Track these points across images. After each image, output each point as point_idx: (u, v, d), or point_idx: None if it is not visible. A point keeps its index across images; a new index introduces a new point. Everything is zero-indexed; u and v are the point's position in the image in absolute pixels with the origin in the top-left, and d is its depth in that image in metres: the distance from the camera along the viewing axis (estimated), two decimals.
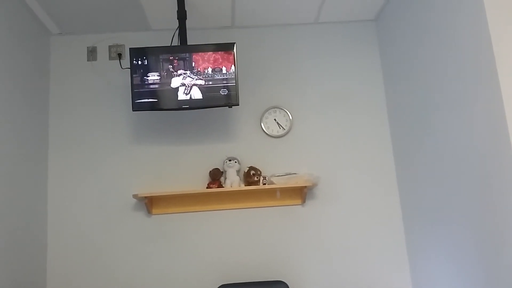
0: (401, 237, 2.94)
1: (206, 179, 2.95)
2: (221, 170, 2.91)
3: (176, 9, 2.79)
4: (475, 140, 2.03)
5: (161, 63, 2.66)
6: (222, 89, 2.66)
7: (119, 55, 3.08)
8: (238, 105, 2.70)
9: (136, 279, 2.85)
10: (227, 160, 2.89)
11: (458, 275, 2.27)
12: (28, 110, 2.74)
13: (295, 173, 2.88)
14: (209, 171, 2.92)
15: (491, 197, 1.94)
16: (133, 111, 2.67)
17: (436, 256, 2.51)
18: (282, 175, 2.86)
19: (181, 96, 2.65)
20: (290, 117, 3.06)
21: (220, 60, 2.68)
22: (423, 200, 2.63)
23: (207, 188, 2.87)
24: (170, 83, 2.65)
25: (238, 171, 2.90)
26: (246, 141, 3.03)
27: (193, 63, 2.66)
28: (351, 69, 3.15)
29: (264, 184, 2.85)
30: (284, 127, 3.05)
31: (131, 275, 2.85)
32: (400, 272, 2.89)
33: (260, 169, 2.91)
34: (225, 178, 2.88)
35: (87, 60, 3.10)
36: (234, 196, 2.94)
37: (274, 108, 3.07)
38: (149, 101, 2.64)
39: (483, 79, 1.94)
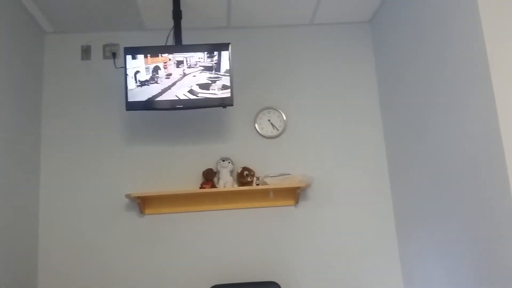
0: (393, 238, 2.95)
1: (199, 179, 2.94)
2: (215, 171, 2.91)
3: (172, 8, 2.79)
4: (468, 142, 2.03)
5: (155, 63, 2.65)
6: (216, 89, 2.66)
7: (113, 54, 3.07)
8: (232, 105, 2.69)
9: (128, 279, 2.84)
10: (221, 161, 2.89)
11: (450, 276, 2.27)
12: (21, 108, 2.73)
13: (288, 174, 2.88)
14: (202, 171, 2.91)
15: (483, 198, 1.94)
16: (126, 110, 2.65)
17: (428, 258, 2.51)
18: (275, 176, 2.85)
19: (175, 95, 2.64)
20: (284, 118, 3.06)
21: (215, 60, 2.68)
22: (415, 201, 2.64)
23: (200, 188, 2.86)
24: (164, 82, 2.64)
25: (231, 172, 2.89)
26: (240, 142, 3.03)
27: (188, 63, 2.66)
28: (346, 70, 3.15)
29: (257, 184, 2.85)
30: (278, 128, 3.05)
31: (123, 275, 2.84)
32: (392, 273, 2.90)
33: (253, 170, 2.91)
34: (219, 179, 2.87)
35: (81, 59, 3.09)
36: (227, 196, 2.93)
37: (268, 108, 3.07)
38: (143, 100, 2.64)
39: (476, 81, 1.95)
